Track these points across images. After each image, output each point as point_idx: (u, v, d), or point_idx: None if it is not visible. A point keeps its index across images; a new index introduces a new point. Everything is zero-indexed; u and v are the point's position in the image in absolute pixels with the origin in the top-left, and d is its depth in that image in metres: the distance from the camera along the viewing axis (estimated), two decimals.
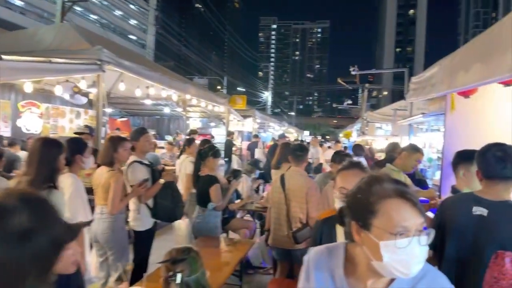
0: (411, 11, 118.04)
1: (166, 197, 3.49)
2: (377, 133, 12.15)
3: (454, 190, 2.40)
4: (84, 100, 7.24)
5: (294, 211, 3.50)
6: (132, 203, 3.53)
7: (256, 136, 15.39)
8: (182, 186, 4.91)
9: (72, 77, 6.09)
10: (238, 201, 5.12)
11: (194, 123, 13.30)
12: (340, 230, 1.62)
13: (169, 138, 11.32)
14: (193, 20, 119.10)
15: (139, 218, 3.51)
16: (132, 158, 3.54)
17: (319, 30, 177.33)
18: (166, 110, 11.16)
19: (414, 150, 3.55)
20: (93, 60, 4.63)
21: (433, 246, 2.09)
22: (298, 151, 3.69)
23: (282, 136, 14.70)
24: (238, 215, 5.28)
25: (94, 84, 5.67)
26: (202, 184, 3.93)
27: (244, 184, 5.69)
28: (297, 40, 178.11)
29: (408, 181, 3.36)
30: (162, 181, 3.47)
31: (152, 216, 3.53)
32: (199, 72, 54.86)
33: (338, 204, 1.75)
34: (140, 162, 3.52)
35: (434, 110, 4.81)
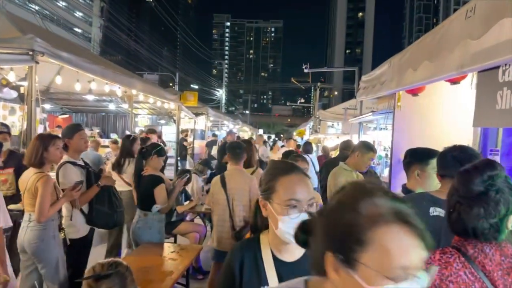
0: (360, 14, 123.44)
1: (103, 202, 3.18)
2: (329, 132, 12.40)
3: (406, 190, 2.33)
4: (14, 94, 6.55)
5: (237, 210, 3.43)
6: (65, 208, 3.16)
7: (214, 134, 15.11)
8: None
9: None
10: (187, 202, 4.86)
11: (143, 120, 12.72)
12: (268, 258, 1.27)
13: (115, 136, 10.70)
14: (144, 15, 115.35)
15: (72, 225, 3.15)
16: (65, 158, 3.17)
17: (273, 29, 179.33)
18: (112, 106, 10.52)
19: (367, 148, 3.48)
20: (25, 50, 4.14)
21: None
22: (237, 148, 3.62)
23: (231, 132, 14.54)
24: (188, 218, 5.00)
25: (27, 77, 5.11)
26: (145, 185, 3.60)
27: (194, 185, 5.41)
28: (251, 38, 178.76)
29: (361, 177, 3.34)
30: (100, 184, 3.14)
31: (87, 222, 3.19)
32: (150, 69, 53.05)
33: (282, 224, 1.22)
34: (74, 163, 3.15)
35: (383, 108, 4.88)
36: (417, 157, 2.31)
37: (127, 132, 11.04)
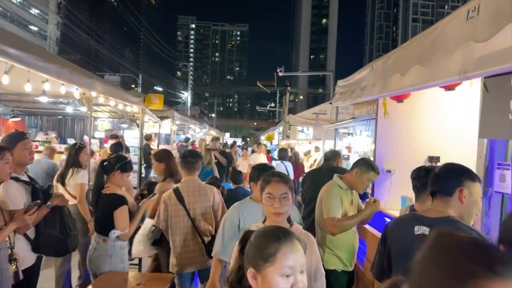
0: (324, 21, 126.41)
1: (53, 225, 2.69)
2: (299, 137, 12.28)
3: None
4: None
5: (202, 225, 3.19)
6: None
7: (187, 139, 14.57)
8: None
9: None
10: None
11: (103, 124, 11.97)
12: None
13: (72, 141, 9.95)
14: (105, 14, 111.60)
15: (14, 254, 2.64)
16: None
17: (238, 33, 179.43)
18: (69, 109, 9.78)
19: (368, 167, 2.91)
20: None
21: (379, 273, 1.95)
22: (189, 157, 3.31)
23: (187, 140, 14.10)
24: None
25: None
26: (104, 206, 3.02)
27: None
28: (217, 41, 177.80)
29: (356, 198, 3.01)
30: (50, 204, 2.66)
31: (34, 250, 2.70)
32: (111, 70, 51.07)
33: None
34: (16, 179, 2.66)
35: (361, 114, 4.73)
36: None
37: (85, 137, 10.34)
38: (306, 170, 9.36)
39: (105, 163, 3.13)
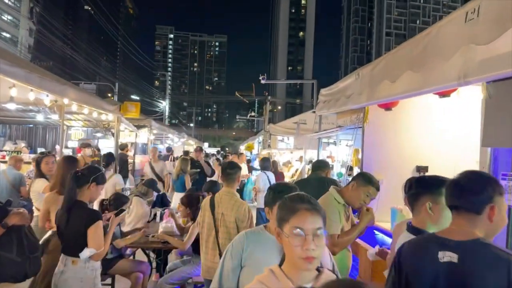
0: (301, 33, 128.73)
1: (10, 247, 2.38)
2: (279, 146, 12.17)
3: (414, 229, 1.89)
4: None
5: (222, 238, 3.09)
6: None
7: (169, 149, 14.19)
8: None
9: None
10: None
11: (76, 133, 11.48)
12: None
13: (42, 151, 9.43)
14: (81, 22, 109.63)
15: None
16: None
17: (217, 44, 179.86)
18: (40, 117, 9.30)
19: (365, 181, 2.62)
20: None
21: None
22: (228, 169, 3.27)
23: (170, 150, 13.78)
24: (128, 252, 4.20)
25: None
26: (76, 222, 2.70)
27: (137, 210, 4.66)
28: (195, 52, 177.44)
29: (351, 214, 2.81)
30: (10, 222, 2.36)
31: None
32: (87, 78, 49.81)
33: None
34: None
35: (345, 123, 4.64)
36: (428, 186, 1.89)
37: (57, 147, 9.84)
38: (287, 179, 9.23)
39: (78, 174, 2.82)
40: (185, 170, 6.74)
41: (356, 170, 5.92)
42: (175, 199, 6.65)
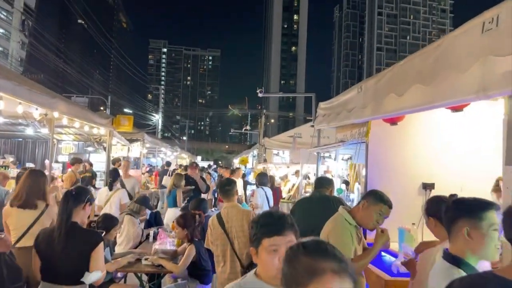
0: (293, 48, 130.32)
1: None
2: (274, 160, 12.01)
3: (451, 257, 1.66)
4: None
5: (240, 248, 3.25)
6: None
7: (168, 163, 13.94)
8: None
9: None
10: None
11: (67, 147, 11.22)
12: None
13: (31, 166, 9.17)
14: (75, 35, 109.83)
15: None
16: None
17: (210, 58, 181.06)
18: (30, 131, 9.05)
19: (376, 199, 2.42)
20: None
21: None
22: (226, 186, 3.52)
23: (169, 164, 13.53)
24: (119, 275, 3.94)
25: None
26: (76, 245, 2.50)
27: (129, 230, 4.42)
28: (189, 65, 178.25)
29: (362, 235, 2.57)
30: None
31: None
32: (80, 92, 49.45)
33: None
34: None
35: (344, 137, 4.51)
36: (465, 209, 1.67)
37: (46, 161, 9.57)
38: (284, 195, 9.03)
39: (74, 194, 2.62)
40: (178, 185, 6.52)
41: (356, 187, 5.80)
42: (168, 214, 6.43)
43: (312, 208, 3.33)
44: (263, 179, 6.44)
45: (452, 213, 1.70)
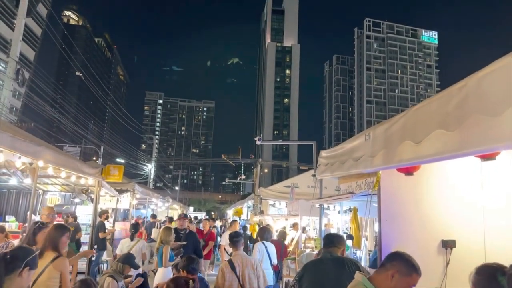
0: (286, 100, 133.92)
1: None
2: (270, 211, 11.51)
3: None
4: None
5: (250, 283, 4.09)
6: None
7: (154, 216, 13.33)
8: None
9: None
10: None
11: (53, 199, 10.69)
12: None
13: (11, 219, 8.59)
14: (73, 87, 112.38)
15: None
16: None
17: (205, 109, 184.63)
18: (13, 181, 8.61)
19: (410, 268, 2.07)
20: None
21: None
22: (234, 237, 4.44)
23: (155, 217, 12.96)
24: None
25: None
26: None
27: None
28: (184, 116, 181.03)
29: None
30: None
31: None
32: (73, 142, 49.22)
33: None
34: None
35: (349, 188, 4.21)
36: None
37: (34, 217, 9.02)
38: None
39: (7, 257, 2.20)
40: (166, 241, 5.89)
41: (364, 244, 5.36)
42: (159, 274, 5.80)
43: (324, 273, 2.87)
44: (266, 234, 5.97)
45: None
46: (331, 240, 3.16)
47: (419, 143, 2.36)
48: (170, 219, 11.77)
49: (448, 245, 2.96)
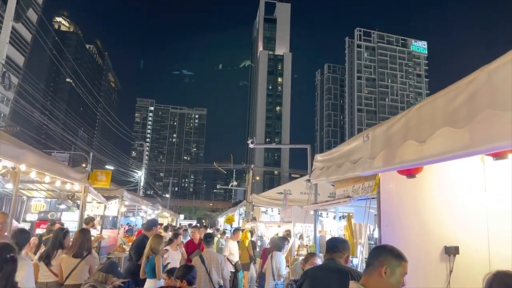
0: (278, 108, 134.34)
1: None
2: (262, 218, 11.30)
3: None
4: None
5: (214, 278, 5.28)
6: None
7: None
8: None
9: None
10: None
11: (38, 205, 10.34)
12: None
13: None
14: (63, 93, 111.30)
15: None
16: None
17: (197, 116, 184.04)
18: None
19: (398, 258, 2.01)
20: None
21: None
22: (208, 238, 5.78)
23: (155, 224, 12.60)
24: None
25: None
26: None
27: None
28: (175, 123, 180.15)
29: None
30: None
31: None
32: (63, 148, 48.44)
33: None
34: None
35: (344, 193, 4.06)
36: None
37: (14, 222, 8.69)
38: None
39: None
40: (156, 250, 5.47)
41: (360, 251, 5.18)
42: (149, 285, 5.47)
43: (326, 281, 2.65)
44: (280, 243, 5.77)
45: None
46: (335, 245, 2.89)
47: (423, 142, 2.22)
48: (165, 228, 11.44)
49: (451, 251, 2.82)
